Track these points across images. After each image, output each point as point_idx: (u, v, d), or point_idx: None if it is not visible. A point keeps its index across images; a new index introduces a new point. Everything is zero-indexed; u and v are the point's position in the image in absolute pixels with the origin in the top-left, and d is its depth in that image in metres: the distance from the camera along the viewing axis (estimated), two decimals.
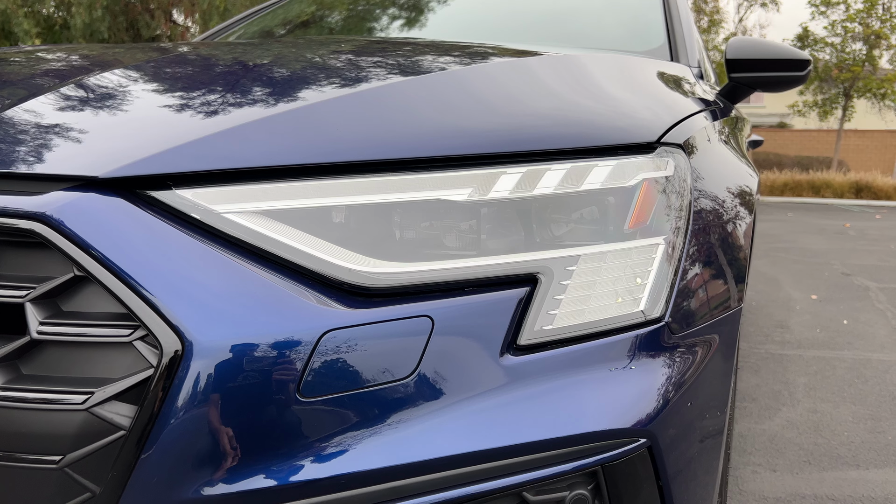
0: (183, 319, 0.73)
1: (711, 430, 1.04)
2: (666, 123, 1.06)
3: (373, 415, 0.78)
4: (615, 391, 0.87)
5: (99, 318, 0.76)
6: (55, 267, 0.78)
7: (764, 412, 2.84)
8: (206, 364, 0.73)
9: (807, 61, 1.79)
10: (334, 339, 0.76)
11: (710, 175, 1.14)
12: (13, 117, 0.89)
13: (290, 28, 2.70)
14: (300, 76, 1.08)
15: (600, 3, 2.45)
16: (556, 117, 0.98)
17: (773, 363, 3.48)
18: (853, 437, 2.61)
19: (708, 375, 1.01)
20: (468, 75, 1.08)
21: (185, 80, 1.10)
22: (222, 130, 0.84)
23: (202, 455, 0.74)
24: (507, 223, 0.87)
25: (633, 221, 0.92)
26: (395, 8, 2.64)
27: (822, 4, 19.68)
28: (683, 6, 2.20)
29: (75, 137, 0.85)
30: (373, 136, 0.86)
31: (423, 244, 0.84)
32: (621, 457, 0.86)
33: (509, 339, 0.83)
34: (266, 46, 1.45)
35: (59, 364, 0.77)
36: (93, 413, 0.73)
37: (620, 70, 1.31)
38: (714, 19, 22.94)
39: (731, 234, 1.16)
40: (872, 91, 19.09)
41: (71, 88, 1.00)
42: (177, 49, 1.40)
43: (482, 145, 0.88)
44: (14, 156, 0.81)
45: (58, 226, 0.75)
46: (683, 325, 0.96)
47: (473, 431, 0.81)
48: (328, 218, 0.82)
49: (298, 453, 0.76)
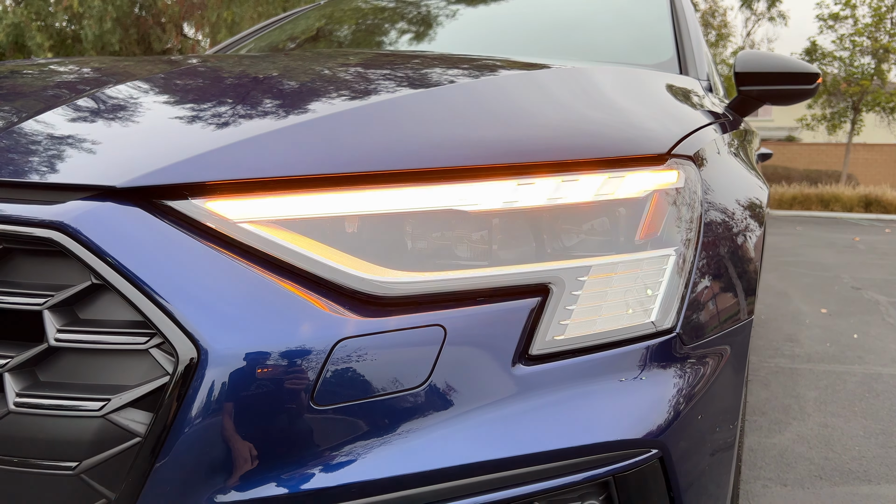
0: (198, 327, 0.74)
1: (722, 442, 1.04)
2: (676, 136, 1.06)
3: (385, 424, 0.78)
4: (626, 402, 0.87)
5: (115, 325, 0.77)
6: (72, 275, 0.79)
7: (774, 426, 2.83)
8: (222, 372, 0.74)
9: (815, 74, 1.80)
10: (347, 347, 0.77)
11: (720, 187, 1.15)
12: (30, 129, 0.91)
13: (299, 42, 2.72)
14: (312, 88, 1.09)
15: (610, 16, 2.47)
16: (567, 129, 0.99)
17: (783, 377, 3.46)
18: (864, 452, 2.59)
19: (719, 387, 1.01)
20: (479, 87, 1.09)
21: (198, 91, 1.11)
22: (237, 141, 0.85)
23: (216, 462, 0.75)
24: (518, 233, 0.87)
25: (644, 232, 0.93)
26: (404, 22, 2.66)
27: (830, 18, 19.69)
28: (692, 20, 2.21)
29: (92, 148, 0.87)
30: (385, 147, 0.87)
31: (436, 254, 0.85)
32: (633, 467, 0.86)
33: (521, 348, 0.83)
34: (277, 59, 1.46)
35: (75, 371, 0.78)
36: (109, 420, 0.74)
37: (630, 83, 1.32)
38: (722, 33, 22.97)
39: (742, 246, 1.17)
40: (881, 105, 19.05)
41: (86, 100, 1.01)
42: (188, 61, 1.42)
43: (493, 156, 0.88)
44: (32, 166, 0.83)
45: (75, 234, 0.76)
46: (694, 337, 0.96)
47: (485, 441, 0.81)
48: (342, 227, 0.83)
49: (311, 461, 0.77)
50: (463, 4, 2.75)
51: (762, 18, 23.91)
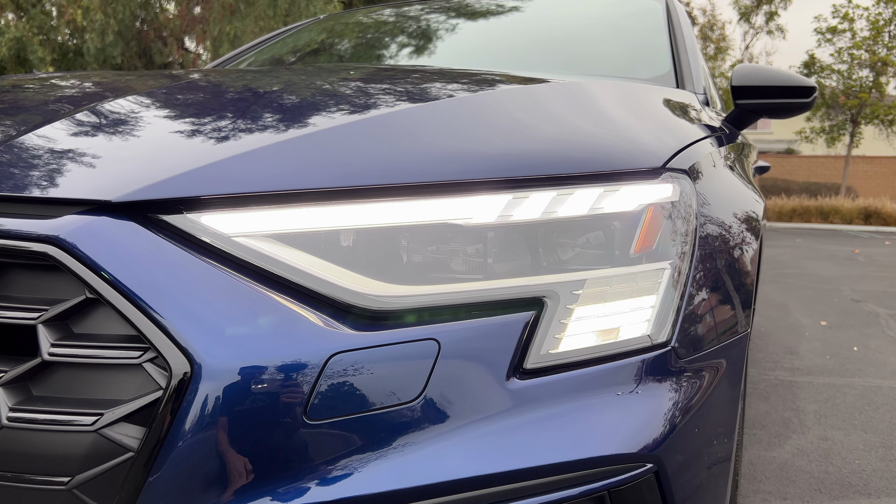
0: (192, 342, 0.74)
1: (719, 456, 1.04)
2: (671, 149, 1.07)
3: (379, 438, 0.78)
4: (622, 416, 0.87)
5: (109, 339, 0.77)
6: (67, 289, 0.79)
7: (774, 439, 2.82)
8: (215, 386, 0.74)
9: (812, 88, 1.81)
10: (341, 361, 0.77)
11: (715, 200, 1.15)
12: (29, 143, 0.91)
13: (299, 56, 2.74)
14: (309, 102, 1.10)
15: (607, 31, 2.48)
16: (563, 143, 0.99)
17: (782, 390, 3.45)
18: (864, 466, 2.57)
19: (715, 401, 1.01)
20: (475, 102, 1.10)
21: (196, 106, 1.12)
22: (232, 156, 0.85)
23: (209, 477, 0.74)
24: (513, 247, 0.88)
25: (639, 246, 0.93)
26: (403, 36, 2.67)
27: (828, 32, 19.79)
28: (689, 34, 2.23)
29: (89, 162, 0.87)
30: (381, 161, 0.88)
31: (430, 267, 0.85)
32: (628, 482, 0.86)
33: (515, 362, 0.83)
34: (276, 73, 1.47)
35: (68, 385, 0.78)
36: (102, 434, 0.74)
37: (626, 97, 1.32)
38: (720, 46, 23.11)
39: (738, 259, 1.17)
40: (880, 118, 19.12)
41: (84, 114, 1.01)
42: (188, 76, 1.42)
43: (489, 170, 0.89)
44: (29, 180, 0.83)
45: (71, 249, 0.76)
46: (690, 350, 0.96)
47: (480, 455, 0.81)
48: (336, 241, 0.83)
49: (305, 476, 0.77)
50: (461, 19, 2.77)
51: (760, 32, 24.08)
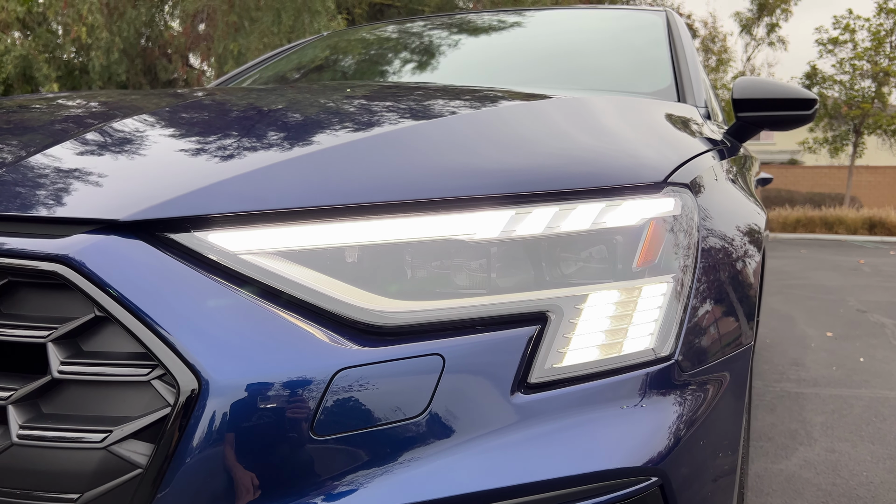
0: (200, 359, 0.75)
1: (724, 469, 1.04)
2: (673, 163, 1.07)
3: (385, 453, 0.79)
4: (626, 429, 0.88)
5: (118, 357, 0.78)
6: (76, 307, 0.80)
7: (781, 451, 2.81)
8: (222, 403, 0.74)
9: (813, 100, 1.81)
10: (347, 377, 0.78)
11: (717, 214, 1.16)
12: (37, 163, 0.92)
13: (303, 73, 2.76)
14: (314, 121, 1.11)
15: (608, 45, 2.50)
16: (565, 158, 1.00)
17: (788, 401, 3.44)
18: (872, 478, 2.56)
19: (719, 413, 1.01)
20: (478, 118, 1.11)
21: (201, 125, 1.13)
22: (238, 174, 0.86)
23: (217, 493, 0.75)
24: (516, 262, 0.88)
25: (642, 260, 0.93)
26: (407, 52, 2.70)
27: (829, 43, 19.82)
28: (689, 48, 2.24)
29: (96, 182, 0.88)
30: (385, 177, 0.89)
31: (435, 283, 0.86)
32: (633, 495, 0.86)
33: (520, 377, 0.84)
34: (280, 91, 1.49)
35: (78, 403, 0.78)
36: (111, 451, 0.74)
37: (628, 111, 1.33)
38: (722, 58, 23.16)
39: (740, 271, 1.17)
40: (883, 128, 19.10)
41: (92, 134, 1.03)
42: (193, 95, 1.44)
43: (492, 186, 0.90)
44: (38, 200, 0.84)
45: (79, 267, 0.77)
46: (693, 363, 0.96)
47: (484, 470, 0.81)
48: (341, 258, 0.84)
49: (312, 491, 0.77)
50: (464, 35, 2.79)
51: (762, 43, 24.13)
